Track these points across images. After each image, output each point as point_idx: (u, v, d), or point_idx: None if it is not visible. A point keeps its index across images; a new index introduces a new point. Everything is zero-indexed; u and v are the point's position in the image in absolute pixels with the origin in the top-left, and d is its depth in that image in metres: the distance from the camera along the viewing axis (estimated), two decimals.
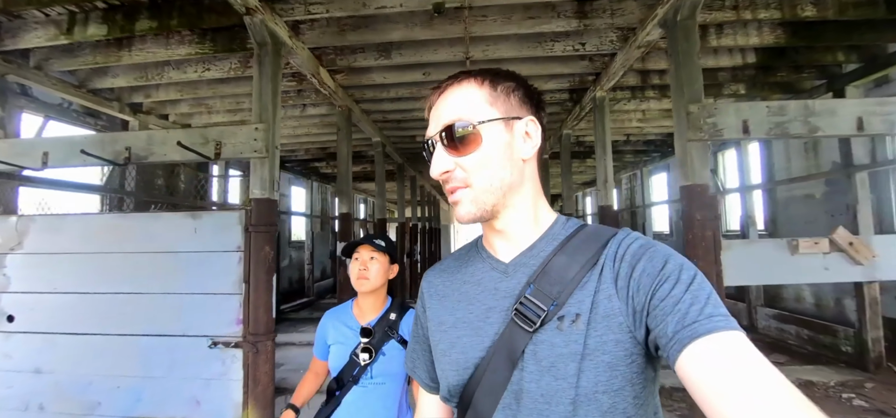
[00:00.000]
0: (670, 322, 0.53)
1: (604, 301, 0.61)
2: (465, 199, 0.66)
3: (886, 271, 2.42)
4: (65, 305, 2.83)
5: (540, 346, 0.62)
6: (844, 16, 3.22)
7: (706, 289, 0.54)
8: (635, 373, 0.59)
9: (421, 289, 0.80)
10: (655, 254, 0.60)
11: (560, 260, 0.65)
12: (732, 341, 0.49)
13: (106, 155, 2.85)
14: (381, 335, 1.45)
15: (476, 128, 0.64)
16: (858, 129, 2.43)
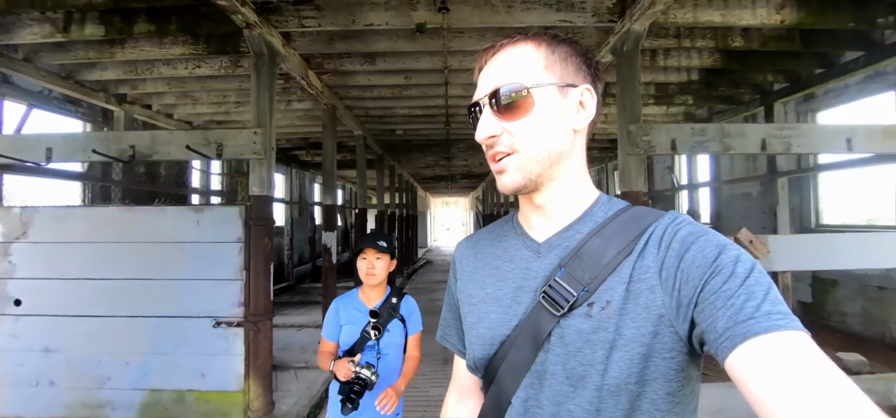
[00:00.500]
0: (721, 317, 0.49)
1: (645, 290, 0.57)
2: (510, 167, 0.62)
3: (777, 264, 3.02)
4: (72, 290, 3.09)
5: (567, 331, 0.60)
6: (767, 47, 3.80)
7: (764, 284, 0.49)
8: (673, 369, 0.56)
9: (453, 260, 0.80)
10: (708, 244, 0.54)
11: (595, 243, 0.61)
12: (794, 341, 0.45)
13: (111, 152, 3.08)
14: (386, 316, 1.79)
15: (529, 92, 0.60)
16: (762, 149, 2.99)
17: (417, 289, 9.79)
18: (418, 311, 1.91)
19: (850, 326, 5.23)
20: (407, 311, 1.85)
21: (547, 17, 3.17)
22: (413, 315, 1.88)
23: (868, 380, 3.47)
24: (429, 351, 4.90)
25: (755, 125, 3.16)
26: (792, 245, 3.19)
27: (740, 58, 4.18)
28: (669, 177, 8.37)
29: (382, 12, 3.18)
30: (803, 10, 3.17)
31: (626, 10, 2.99)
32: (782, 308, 0.47)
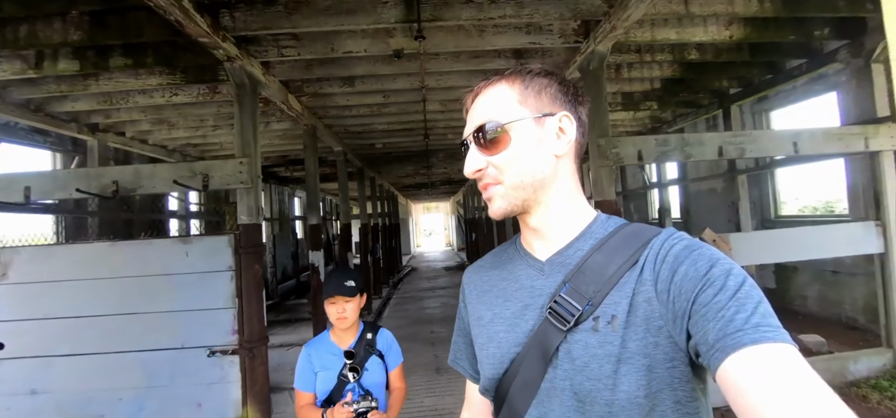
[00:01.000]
0: (712, 329, 0.50)
1: (643, 303, 0.59)
2: (496, 196, 0.67)
3: (738, 259, 3.28)
4: (59, 329, 3.06)
5: (574, 346, 0.61)
6: (720, 58, 4.11)
7: (755, 297, 0.51)
8: (677, 379, 0.57)
9: (462, 285, 0.83)
10: (700, 258, 0.57)
11: (597, 258, 0.64)
12: (781, 354, 0.46)
13: (93, 188, 3.08)
14: (363, 354, 1.66)
15: (505, 128, 0.65)
16: (719, 155, 3.27)
17: (404, 298, 9.86)
18: (396, 343, 1.80)
19: (810, 309, 5.64)
20: (385, 345, 1.75)
21: (517, 40, 3.36)
22: (392, 348, 1.77)
23: (825, 360, 3.79)
24: (421, 361, 5.06)
25: (713, 134, 3.44)
26: (751, 241, 3.48)
27: (697, 68, 4.49)
28: (641, 177, 8.76)
29: (360, 40, 3.30)
30: (749, 26, 3.48)
31: (590, 32, 3.21)
32: (772, 321, 0.49)
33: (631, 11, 2.68)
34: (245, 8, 2.79)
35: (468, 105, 0.72)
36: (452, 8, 2.91)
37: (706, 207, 7.28)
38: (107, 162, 5.23)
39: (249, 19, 2.83)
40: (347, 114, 5.24)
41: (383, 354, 1.72)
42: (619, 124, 6.92)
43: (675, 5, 3.06)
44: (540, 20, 3.13)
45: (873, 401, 3.30)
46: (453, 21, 2.98)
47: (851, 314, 5.07)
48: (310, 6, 2.82)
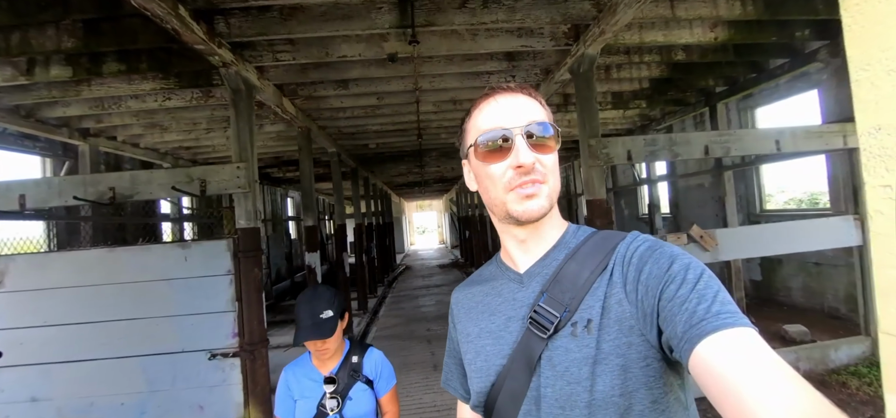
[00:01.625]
0: (679, 322, 0.53)
1: (614, 305, 0.62)
2: (542, 193, 0.67)
3: (725, 254, 3.42)
4: (58, 336, 3.07)
5: (555, 352, 0.63)
6: (706, 59, 4.23)
7: (713, 287, 0.54)
8: (651, 377, 0.59)
9: (450, 306, 0.85)
10: (661, 256, 0.60)
11: (571, 267, 0.67)
12: (740, 337, 0.49)
13: (89, 196, 3.09)
14: (346, 380, 1.44)
15: (557, 133, 0.70)
16: (705, 154, 3.38)
17: (399, 297, 9.92)
18: (388, 365, 1.57)
19: (794, 299, 5.82)
20: (373, 369, 1.52)
21: (509, 43, 3.43)
22: (382, 372, 1.54)
23: (808, 349, 3.95)
24: (418, 359, 5.13)
25: (699, 133, 3.56)
26: (736, 236, 3.60)
27: (684, 68, 4.61)
28: (631, 174, 8.91)
29: (355, 44, 3.35)
30: (733, 28, 3.59)
31: (580, 35, 3.29)
32: (730, 307, 0.52)
33: (619, 16, 2.76)
34: (240, 14, 2.82)
35: (496, 98, 0.70)
36: (445, 13, 2.97)
37: (695, 202, 7.45)
38: (98, 166, 5.20)
39: (245, 25, 2.85)
40: (341, 115, 5.27)
41: (372, 380, 1.50)
42: (610, 122, 7.04)
43: (662, 9, 3.15)
44: (531, 24, 3.20)
45: (852, 387, 3.45)
46: (446, 26, 3.04)
47: (833, 304, 5.25)
48: (305, 12, 2.86)
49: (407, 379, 4.44)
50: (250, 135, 3.27)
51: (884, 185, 0.82)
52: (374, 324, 7.43)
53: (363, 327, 7.03)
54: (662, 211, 8.02)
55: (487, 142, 0.69)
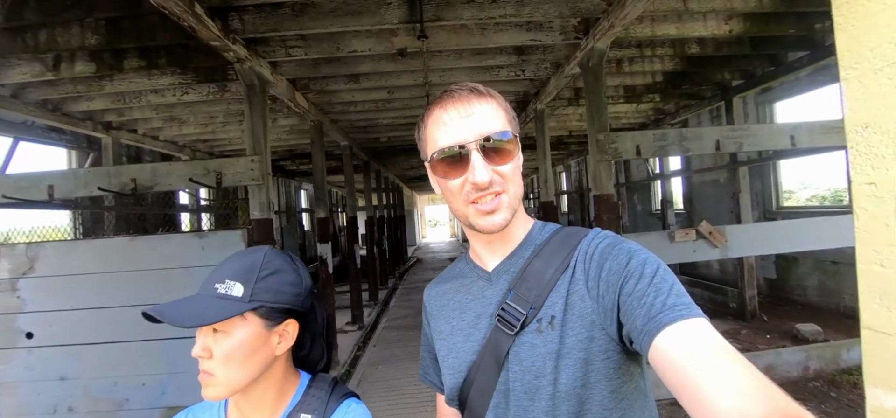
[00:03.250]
0: (638, 316, 0.55)
1: (577, 301, 0.63)
2: (502, 205, 0.66)
3: (734, 251, 3.38)
4: (84, 319, 3.24)
5: (522, 348, 0.65)
6: (721, 52, 4.14)
7: (668, 281, 0.56)
8: (611, 369, 0.61)
9: (424, 304, 0.85)
10: (620, 252, 0.62)
11: (537, 264, 0.67)
12: (694, 327, 0.51)
13: (112, 187, 3.23)
14: None
15: (515, 139, 0.67)
16: (716, 149, 3.33)
17: (409, 289, 10.03)
18: None
19: (810, 298, 5.70)
20: None
21: (518, 37, 3.43)
22: None
23: (818, 348, 3.88)
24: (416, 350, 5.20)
25: (710, 128, 3.52)
26: (746, 233, 3.56)
27: (698, 61, 4.53)
28: (645, 168, 8.79)
29: (365, 40, 3.40)
30: (748, 21, 3.51)
31: (589, 29, 3.27)
32: (684, 299, 0.55)
33: (628, 9, 2.74)
34: (254, 11, 2.89)
35: (451, 108, 0.67)
36: (454, 8, 2.99)
37: (709, 198, 7.32)
38: (120, 158, 5.40)
39: (258, 22, 2.93)
40: (353, 109, 5.34)
41: None
42: (622, 116, 6.95)
43: (674, 2, 3.12)
44: (540, 18, 3.19)
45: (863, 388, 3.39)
46: (455, 20, 3.06)
47: (850, 304, 5.13)
48: (316, 8, 2.92)
49: (413, 367, 4.51)
50: (264, 129, 3.36)
51: (869, 183, 0.84)
52: (384, 315, 7.55)
53: (374, 318, 7.15)
54: (676, 206, 7.90)
55: (443, 155, 0.67)
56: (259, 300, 0.69)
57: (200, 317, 0.68)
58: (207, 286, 0.71)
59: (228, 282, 0.69)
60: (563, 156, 11.76)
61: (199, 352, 0.70)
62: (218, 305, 0.68)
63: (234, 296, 0.69)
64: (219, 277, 0.71)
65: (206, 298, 0.70)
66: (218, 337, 0.69)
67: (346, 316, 6.52)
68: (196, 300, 0.71)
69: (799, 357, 3.43)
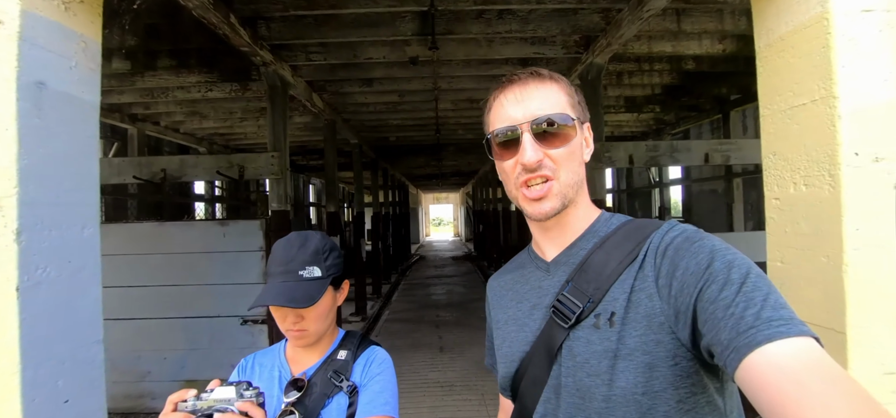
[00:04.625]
0: (723, 329, 0.48)
1: (644, 300, 0.58)
2: (551, 193, 0.65)
3: None
4: (113, 297, 3.51)
5: (576, 343, 0.62)
6: (717, 69, 4.37)
7: (763, 289, 0.48)
8: (679, 376, 0.55)
9: (486, 293, 0.84)
10: (701, 250, 0.55)
11: (598, 256, 0.64)
12: (797, 347, 0.43)
13: (144, 175, 3.52)
14: (322, 388, 0.92)
15: (572, 124, 0.66)
16: (705, 161, 3.56)
17: (412, 285, 10.30)
18: (389, 373, 0.96)
19: None
20: (365, 372, 0.94)
21: (523, 50, 3.68)
22: (376, 381, 0.93)
23: None
24: (427, 341, 5.49)
25: (700, 141, 3.74)
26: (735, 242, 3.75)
27: (696, 76, 4.74)
28: (647, 176, 8.99)
29: (380, 48, 3.66)
30: (741, 42, 3.73)
31: (589, 45, 3.51)
32: (784, 312, 0.47)
33: (624, 30, 2.98)
34: (280, 21, 3.16)
35: (506, 93, 0.68)
36: (464, 23, 3.24)
37: (707, 207, 7.51)
38: (143, 149, 5.71)
39: (284, 30, 3.20)
40: (364, 110, 5.61)
41: (358, 388, 0.92)
42: (624, 125, 7.16)
43: (668, 23, 3.34)
44: (543, 34, 3.44)
45: None
46: (464, 34, 3.31)
47: None
48: (337, 19, 3.18)
49: (414, 357, 4.79)
50: (284, 127, 3.63)
51: (776, 198, 1.09)
52: (387, 308, 7.82)
53: (376, 310, 7.42)
54: (676, 214, 8.10)
55: (497, 137, 0.67)
56: (331, 274, 0.92)
57: (310, 298, 0.87)
58: (289, 272, 0.88)
59: (308, 267, 0.90)
60: None
61: (294, 320, 0.89)
62: (314, 285, 0.89)
63: (318, 276, 0.89)
64: (297, 265, 0.89)
65: (298, 283, 0.88)
66: (311, 312, 0.90)
67: (351, 307, 6.80)
68: (289, 285, 0.87)
69: None
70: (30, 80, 0.88)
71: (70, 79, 0.99)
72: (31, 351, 0.84)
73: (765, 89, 1.13)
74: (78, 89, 1.01)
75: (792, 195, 1.03)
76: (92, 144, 1.06)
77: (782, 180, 1.07)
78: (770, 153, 1.11)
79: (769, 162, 1.11)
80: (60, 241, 0.94)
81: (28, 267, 0.85)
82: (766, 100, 1.13)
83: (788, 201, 1.06)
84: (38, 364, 0.86)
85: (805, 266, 0.99)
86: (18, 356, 0.81)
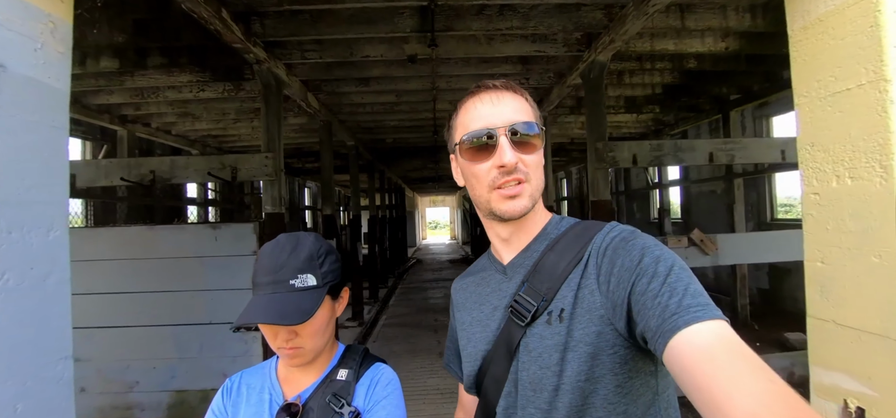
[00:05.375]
0: (652, 317, 0.53)
1: (587, 295, 0.63)
2: (524, 193, 0.69)
3: (725, 259, 3.53)
4: (100, 304, 3.38)
5: (531, 339, 0.66)
6: (718, 68, 4.31)
7: (684, 280, 0.55)
8: (617, 363, 0.61)
9: (451, 296, 0.88)
10: (633, 248, 0.61)
11: (550, 258, 0.69)
12: (709, 329, 0.49)
13: (132, 177, 3.39)
14: (320, 414, 0.79)
15: (540, 133, 0.71)
16: (709, 161, 3.49)
17: (409, 289, 10.17)
18: (397, 396, 0.84)
19: (801, 309, 5.77)
20: (369, 396, 0.83)
21: (524, 48, 3.60)
22: (382, 406, 0.82)
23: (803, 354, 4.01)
24: (425, 346, 5.37)
25: (704, 140, 3.68)
26: (737, 242, 3.70)
27: (697, 75, 4.69)
28: (644, 177, 8.94)
29: (378, 46, 3.56)
30: (744, 39, 3.68)
31: (591, 42, 3.43)
32: (701, 299, 0.52)
33: (628, 27, 2.90)
34: (274, 16, 3.06)
35: (480, 98, 0.71)
36: (463, 19, 3.15)
37: (706, 208, 7.47)
38: (133, 151, 5.56)
39: (278, 26, 3.09)
40: (361, 111, 5.51)
41: (361, 414, 0.81)
42: (623, 126, 7.11)
43: (672, 20, 3.27)
44: (545, 31, 3.36)
45: None
46: (464, 31, 3.22)
47: None
48: (333, 15, 3.08)
49: (412, 363, 4.68)
50: (278, 127, 3.52)
51: (814, 193, 1.00)
52: (384, 313, 7.69)
53: (373, 315, 7.30)
54: (674, 216, 8.05)
55: (472, 140, 0.70)
56: (327, 282, 0.81)
57: (304, 312, 0.74)
58: (279, 282, 0.76)
59: (301, 275, 0.77)
60: (565, 163, 11.92)
61: (287, 337, 0.77)
62: (309, 297, 0.77)
63: (312, 285, 0.78)
64: (288, 273, 0.77)
65: (289, 295, 0.76)
66: (307, 328, 0.78)
67: (347, 312, 6.67)
68: (279, 298, 0.75)
69: (784, 363, 3.56)
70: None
71: (35, 61, 0.88)
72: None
73: (800, 75, 1.04)
74: (44, 74, 0.90)
75: (835, 189, 0.94)
76: (60, 137, 0.95)
77: (822, 173, 0.97)
78: (807, 144, 1.02)
79: (806, 153, 1.02)
80: (22, 245, 0.83)
81: None
82: (801, 86, 1.04)
83: (830, 196, 0.96)
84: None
85: (852, 267, 0.90)
86: None
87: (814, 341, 1.01)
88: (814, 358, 1.00)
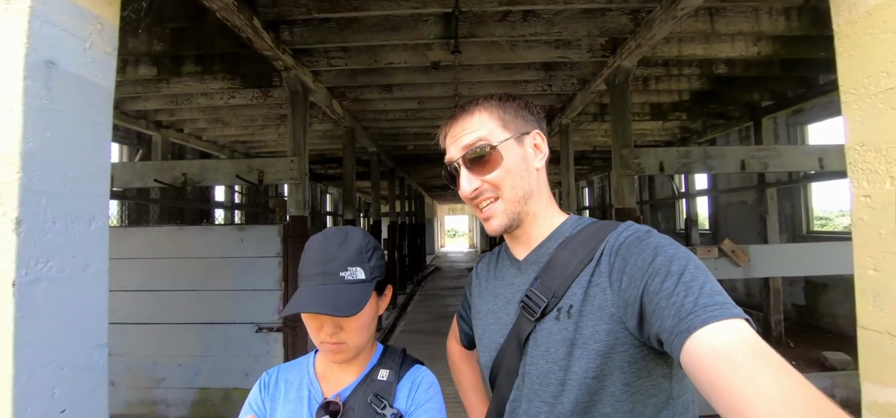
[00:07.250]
0: (667, 318, 0.52)
1: (598, 293, 0.64)
2: (496, 212, 0.71)
3: (757, 271, 3.37)
4: (131, 301, 3.52)
5: (540, 334, 0.67)
6: (749, 73, 4.16)
7: (700, 279, 0.53)
8: (627, 362, 0.61)
9: (471, 276, 0.90)
10: (646, 247, 0.61)
11: (563, 256, 0.69)
12: (730, 329, 0.48)
13: (166, 179, 3.52)
14: (361, 414, 0.77)
15: (496, 149, 0.70)
16: (741, 169, 3.36)
17: (428, 296, 10.15)
18: (438, 400, 0.84)
19: (840, 327, 5.52)
20: (411, 399, 0.82)
21: (547, 54, 3.57)
22: (426, 410, 0.81)
23: (845, 376, 3.78)
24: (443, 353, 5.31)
25: (736, 147, 3.55)
26: (770, 253, 3.53)
27: (726, 81, 4.55)
28: (670, 186, 8.70)
29: (401, 52, 3.61)
30: (777, 43, 3.54)
31: (617, 48, 3.38)
32: (718, 298, 0.51)
33: (655, 31, 2.84)
34: (303, 25, 3.14)
35: (448, 130, 0.76)
36: (487, 25, 3.16)
37: (736, 219, 7.19)
38: (167, 155, 5.80)
39: (306, 34, 3.18)
40: (383, 117, 5.58)
41: (403, 416, 0.79)
42: (648, 133, 6.95)
43: (701, 24, 3.19)
44: (569, 36, 3.32)
45: None
46: (487, 37, 3.23)
47: None
48: (359, 23, 3.14)
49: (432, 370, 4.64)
50: (304, 133, 3.60)
51: (865, 195, 0.94)
52: (402, 319, 7.70)
53: (392, 321, 7.31)
54: (701, 227, 7.78)
55: (445, 177, 0.78)
56: (374, 277, 0.80)
57: (356, 304, 0.74)
58: (328, 274, 0.76)
59: (350, 268, 0.77)
60: (587, 172, 11.73)
61: (332, 331, 0.76)
62: (358, 290, 0.76)
63: (361, 278, 0.77)
64: (338, 265, 0.76)
65: (339, 286, 0.75)
66: (352, 322, 0.77)
67: None
68: (329, 289, 0.74)
69: (824, 384, 3.36)
70: (39, 58, 0.82)
71: (84, 60, 0.92)
72: (26, 355, 0.76)
73: (847, 72, 0.99)
74: (91, 72, 0.94)
75: (888, 191, 0.89)
76: (104, 133, 0.99)
77: (874, 174, 0.92)
78: (857, 144, 0.96)
79: (856, 154, 0.97)
80: (65, 234, 0.87)
81: (27, 260, 0.78)
82: (849, 83, 0.98)
83: (883, 199, 0.91)
84: (34, 369, 0.78)
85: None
86: (12, 360, 0.73)
87: (865, 355, 0.94)
88: (866, 374, 0.94)
